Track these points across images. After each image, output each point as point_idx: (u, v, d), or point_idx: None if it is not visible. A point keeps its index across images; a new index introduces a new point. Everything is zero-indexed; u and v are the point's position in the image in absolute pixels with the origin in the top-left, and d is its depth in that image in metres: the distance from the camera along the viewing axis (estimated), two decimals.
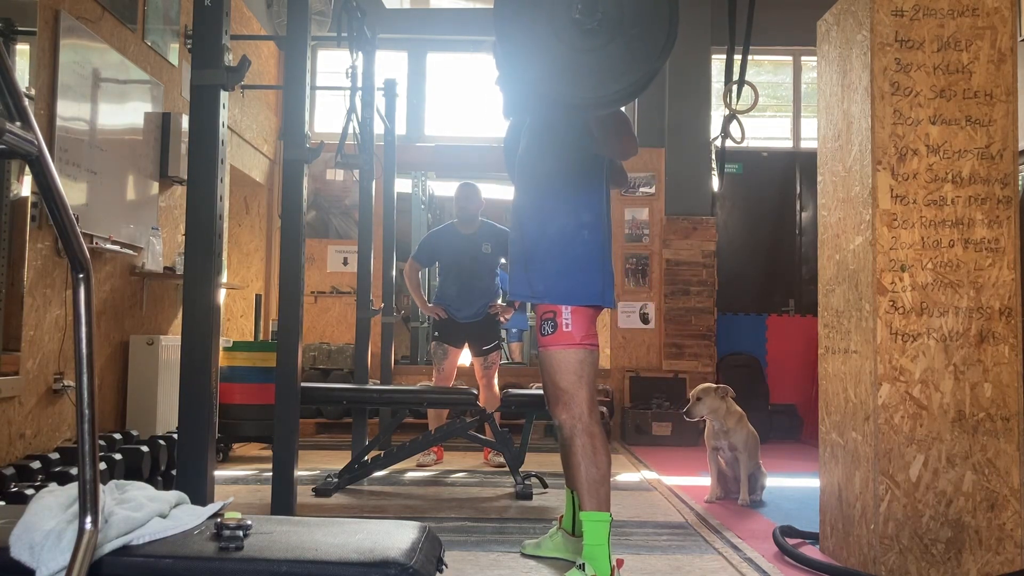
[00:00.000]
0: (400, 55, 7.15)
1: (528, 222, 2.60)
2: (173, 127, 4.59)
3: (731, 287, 6.97)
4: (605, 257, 2.58)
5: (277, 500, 3.00)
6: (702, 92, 6.81)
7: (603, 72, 2.13)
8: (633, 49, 2.12)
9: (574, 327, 2.49)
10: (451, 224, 5.08)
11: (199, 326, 2.29)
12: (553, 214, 2.56)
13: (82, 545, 1.29)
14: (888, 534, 2.58)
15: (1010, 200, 2.67)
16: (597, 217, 2.57)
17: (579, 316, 2.51)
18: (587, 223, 2.55)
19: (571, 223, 2.54)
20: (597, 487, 2.44)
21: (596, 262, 2.54)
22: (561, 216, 2.55)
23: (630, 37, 2.12)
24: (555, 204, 2.56)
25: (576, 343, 2.49)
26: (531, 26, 2.12)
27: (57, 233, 1.82)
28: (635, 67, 2.12)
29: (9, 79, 1.15)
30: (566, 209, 2.55)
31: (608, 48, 2.12)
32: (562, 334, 2.49)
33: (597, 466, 2.44)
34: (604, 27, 2.10)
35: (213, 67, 2.33)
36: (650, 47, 2.12)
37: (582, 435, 2.45)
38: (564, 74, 2.12)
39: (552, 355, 2.51)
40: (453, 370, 5.03)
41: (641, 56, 2.13)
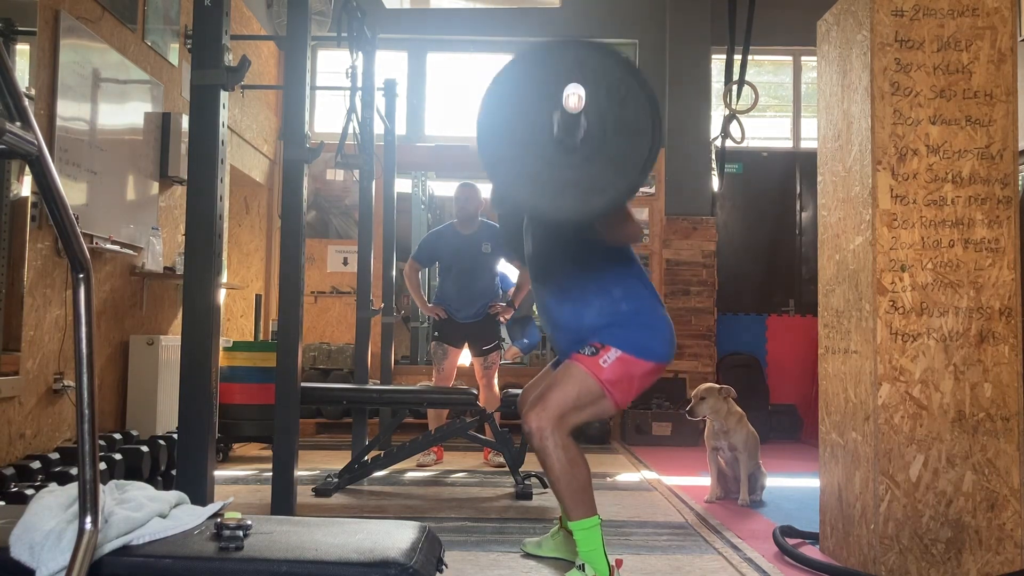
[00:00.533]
0: (400, 55, 7.15)
1: (563, 318, 2.58)
2: (173, 127, 4.59)
3: (731, 287, 6.97)
4: (655, 315, 2.55)
5: (277, 500, 3.00)
6: (702, 92, 6.81)
7: (586, 188, 2.12)
8: (616, 163, 2.12)
9: (610, 367, 2.44)
10: (451, 224, 5.07)
11: (199, 326, 2.29)
12: (584, 306, 2.53)
13: (82, 545, 1.29)
14: (888, 534, 2.58)
15: (1010, 200, 2.67)
16: (627, 286, 2.55)
17: (621, 365, 2.45)
18: (620, 297, 2.53)
19: (606, 306, 2.52)
20: (581, 496, 2.41)
21: (645, 323, 2.52)
22: (593, 305, 2.52)
23: (613, 151, 2.12)
24: (582, 297, 2.54)
25: (600, 379, 2.43)
26: (513, 144, 2.12)
27: (57, 233, 1.82)
28: (619, 181, 2.12)
29: (9, 79, 1.15)
30: (594, 298, 2.53)
31: (591, 163, 2.12)
32: (595, 363, 2.44)
33: (576, 477, 2.41)
34: (586, 143, 2.10)
35: (213, 67, 2.33)
36: (634, 159, 2.12)
37: (555, 449, 2.38)
38: (548, 191, 2.12)
39: (571, 367, 2.47)
40: (453, 370, 5.03)
41: (625, 169, 2.13)
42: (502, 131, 2.12)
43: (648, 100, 2.13)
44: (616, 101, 2.13)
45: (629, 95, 2.14)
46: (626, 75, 2.15)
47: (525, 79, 2.16)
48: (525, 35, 7.04)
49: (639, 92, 2.14)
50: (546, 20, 7.01)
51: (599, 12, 7.01)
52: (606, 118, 2.11)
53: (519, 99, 2.14)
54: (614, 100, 2.13)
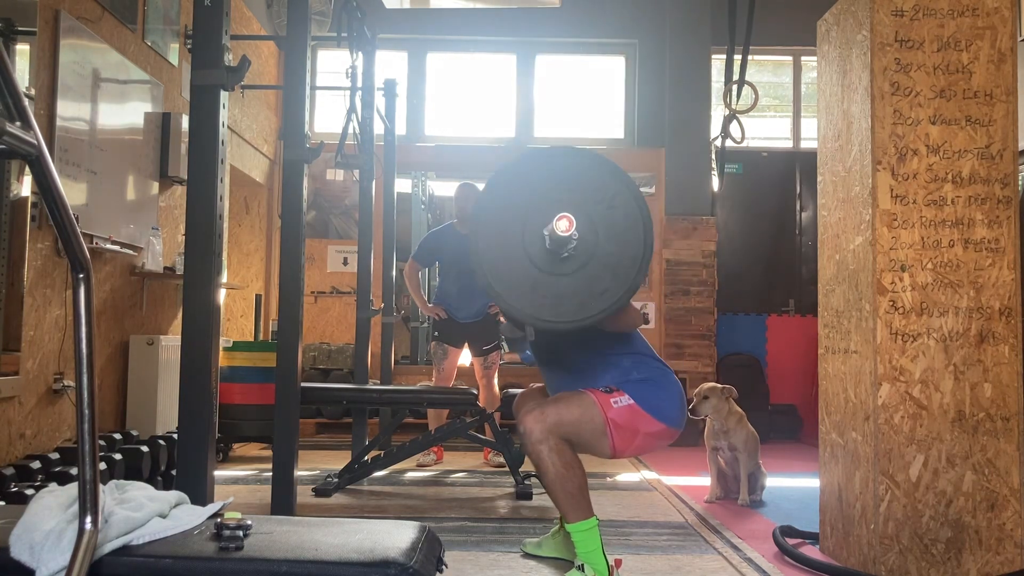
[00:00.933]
0: (400, 55, 7.15)
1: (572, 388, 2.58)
2: (173, 127, 4.59)
3: (731, 287, 6.97)
4: (664, 379, 2.56)
5: (277, 500, 3.00)
6: (702, 92, 6.81)
7: (582, 295, 2.17)
8: (611, 267, 2.16)
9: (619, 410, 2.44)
10: (450, 224, 5.08)
11: (199, 326, 2.29)
12: (596, 379, 2.53)
13: (82, 545, 1.29)
14: (888, 534, 2.58)
15: (1010, 200, 2.67)
16: (635, 358, 2.56)
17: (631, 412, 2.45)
18: (631, 366, 2.54)
19: (618, 374, 2.52)
20: (577, 498, 2.42)
21: (655, 384, 2.52)
22: (605, 377, 2.53)
23: (606, 256, 2.16)
24: (592, 373, 2.55)
25: (606, 416, 2.43)
26: (507, 256, 2.17)
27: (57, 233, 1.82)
28: (614, 286, 2.17)
29: (9, 79, 1.15)
30: (604, 371, 2.54)
31: (585, 270, 2.16)
32: (606, 400, 2.44)
33: (572, 479, 2.41)
34: (579, 252, 2.14)
35: (213, 67, 2.33)
36: (629, 262, 2.16)
37: (550, 453, 2.39)
38: (544, 301, 2.17)
39: (581, 394, 2.47)
40: (453, 370, 5.03)
41: (621, 272, 2.17)
42: (494, 243, 2.17)
43: (637, 203, 2.20)
44: (605, 206, 2.19)
45: (618, 199, 2.20)
46: (614, 180, 2.21)
47: (516, 188, 2.22)
48: (525, 35, 7.04)
49: (627, 194, 2.20)
50: (546, 20, 7.01)
51: (599, 12, 7.01)
52: (597, 225, 2.17)
53: (511, 210, 2.20)
54: (603, 205, 2.19)
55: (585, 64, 7.38)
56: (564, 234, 2.07)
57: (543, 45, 7.16)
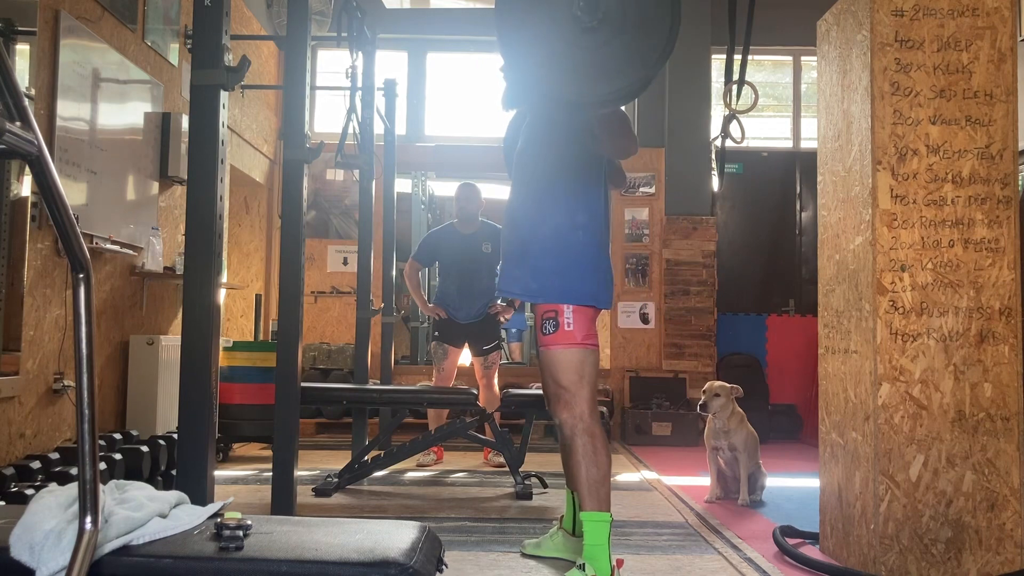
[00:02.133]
0: (400, 55, 7.15)
1: (523, 219, 2.60)
2: (173, 127, 4.59)
3: (731, 287, 6.97)
4: (601, 257, 2.57)
5: (277, 500, 3.00)
6: (702, 92, 6.81)
7: (600, 71, 2.13)
8: (632, 51, 2.12)
9: (575, 326, 2.49)
10: (451, 224, 5.08)
11: (199, 326, 2.29)
12: (548, 213, 2.55)
13: (82, 545, 1.29)
14: (888, 534, 2.58)
15: (1010, 200, 2.67)
16: (593, 218, 2.56)
17: (580, 315, 2.50)
18: (582, 223, 2.54)
19: (566, 223, 2.53)
20: (598, 487, 2.44)
21: (591, 262, 2.53)
22: (557, 215, 2.54)
23: (630, 38, 2.12)
24: (551, 203, 2.56)
25: (578, 342, 2.49)
26: (531, 21, 2.12)
27: (57, 233, 1.82)
28: (632, 69, 2.13)
29: (9, 79, 1.15)
30: (562, 209, 2.55)
31: (607, 48, 2.12)
32: (564, 333, 2.49)
33: (598, 466, 2.44)
34: (604, 26, 2.10)
35: (213, 67, 2.33)
36: (648, 50, 2.13)
37: (583, 435, 2.46)
38: (562, 70, 2.13)
39: (553, 354, 2.51)
40: (453, 370, 5.03)
41: (639, 58, 2.13)
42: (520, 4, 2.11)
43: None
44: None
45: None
46: None
47: None
48: None
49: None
50: None
51: None
52: (626, 4, 2.11)
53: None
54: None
55: None
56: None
57: None
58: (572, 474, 2.53)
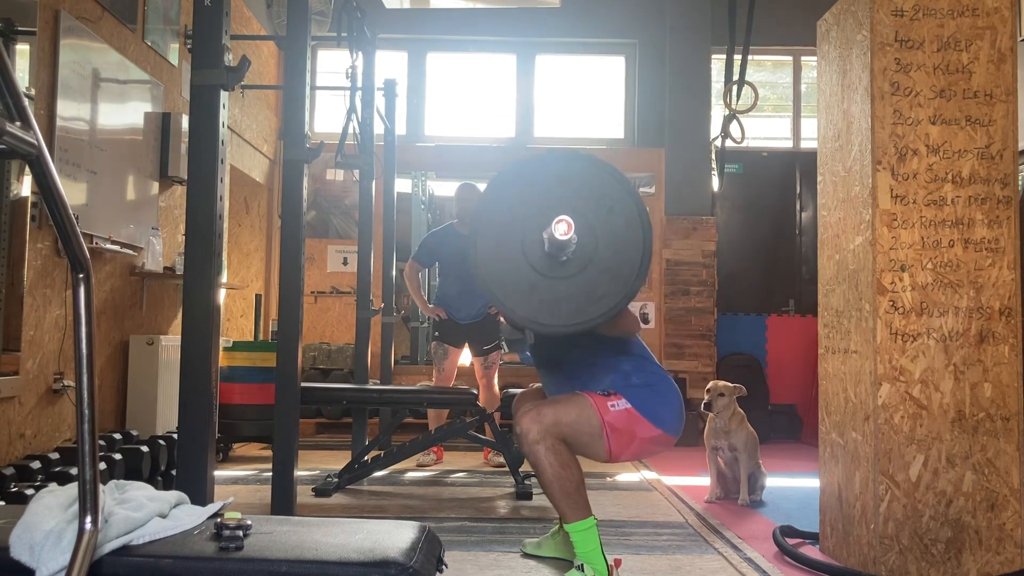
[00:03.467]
0: (400, 55, 7.15)
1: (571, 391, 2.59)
2: (173, 127, 4.59)
3: (731, 287, 6.97)
4: (663, 384, 2.56)
5: (277, 500, 3.00)
6: (702, 92, 6.81)
7: (580, 299, 2.17)
8: (610, 272, 2.16)
9: (616, 413, 2.44)
10: (451, 224, 5.08)
11: (199, 326, 2.29)
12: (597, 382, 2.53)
13: (82, 545, 1.29)
14: (888, 534, 2.58)
15: (1010, 200, 2.67)
16: (636, 363, 2.57)
17: (628, 416, 2.45)
18: (631, 370, 2.55)
19: (619, 378, 2.53)
20: (574, 498, 2.42)
21: (654, 390, 2.52)
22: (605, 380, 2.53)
23: (606, 261, 2.16)
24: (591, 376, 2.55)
25: (603, 419, 2.43)
26: (506, 259, 2.17)
27: (57, 233, 1.82)
28: (613, 291, 2.16)
29: (9, 79, 1.15)
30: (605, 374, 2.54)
31: (584, 275, 2.16)
32: (603, 403, 2.45)
33: (570, 478, 2.41)
34: (577, 256, 2.14)
35: (213, 67, 2.33)
36: (628, 268, 2.16)
37: (547, 453, 2.39)
38: (542, 305, 2.17)
39: (578, 396, 2.47)
40: (453, 370, 5.03)
41: (620, 278, 2.17)
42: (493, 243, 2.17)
43: (637, 208, 2.20)
44: (605, 210, 2.19)
45: (618, 204, 2.20)
46: (614, 185, 2.21)
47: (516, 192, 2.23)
48: (525, 35, 7.04)
49: (628, 200, 2.20)
50: (546, 20, 7.01)
51: (599, 12, 7.01)
52: (597, 230, 2.16)
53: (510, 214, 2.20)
54: (603, 210, 2.19)
55: (585, 64, 7.38)
56: (563, 238, 2.08)
57: (543, 45, 7.16)
58: (547, 491, 2.46)
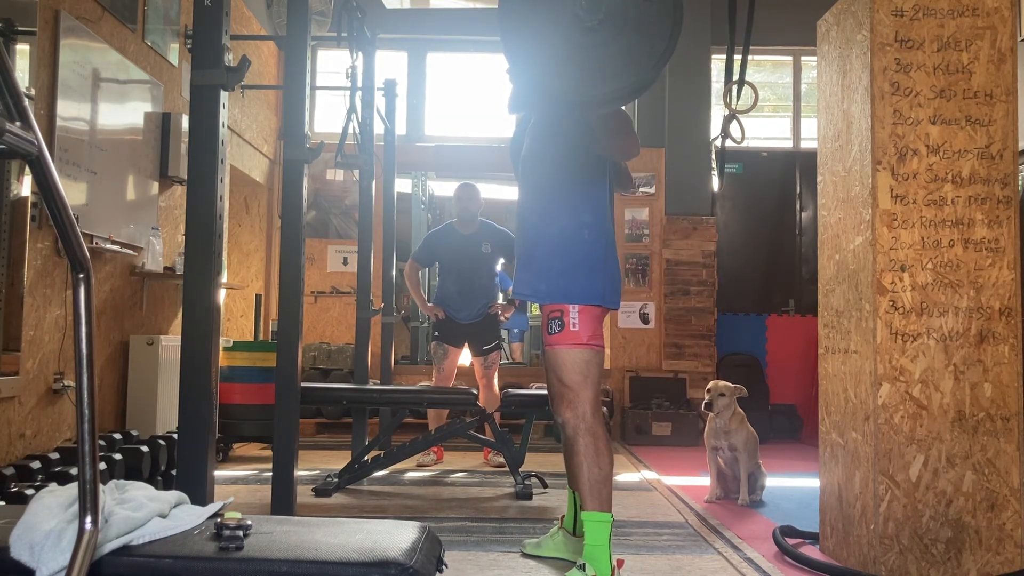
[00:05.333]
0: (400, 55, 7.15)
1: (530, 222, 2.61)
2: (173, 127, 4.59)
3: (731, 287, 6.97)
4: (608, 257, 2.57)
5: (277, 500, 3.00)
6: (702, 92, 6.81)
7: (600, 70, 2.14)
8: (632, 51, 2.13)
9: (581, 326, 2.49)
10: (450, 224, 5.08)
11: (199, 326, 2.29)
12: (555, 214, 2.56)
13: (82, 545, 1.29)
14: (888, 534, 2.58)
15: (1010, 200, 2.67)
16: (599, 218, 2.57)
17: (586, 316, 2.50)
18: (588, 223, 2.55)
19: (572, 223, 2.54)
20: (599, 487, 2.44)
21: (599, 262, 2.54)
22: (563, 216, 2.55)
23: (631, 39, 2.13)
24: (557, 204, 2.56)
25: (583, 343, 2.49)
26: (533, 20, 2.14)
27: (57, 233, 1.82)
28: (632, 69, 2.13)
29: (9, 79, 1.15)
30: (568, 209, 2.55)
31: (608, 47, 2.13)
32: (569, 333, 2.49)
33: (600, 466, 2.44)
34: (606, 26, 2.11)
35: (213, 67, 2.33)
36: (649, 52, 2.13)
37: (585, 435, 2.45)
38: (562, 69, 2.14)
39: (558, 354, 2.51)
40: (453, 370, 5.03)
41: (640, 59, 2.14)
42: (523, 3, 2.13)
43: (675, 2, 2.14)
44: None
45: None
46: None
47: None
48: None
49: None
50: None
51: None
52: (629, 9, 2.12)
53: None
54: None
55: None
56: None
57: None
58: (574, 474, 2.52)
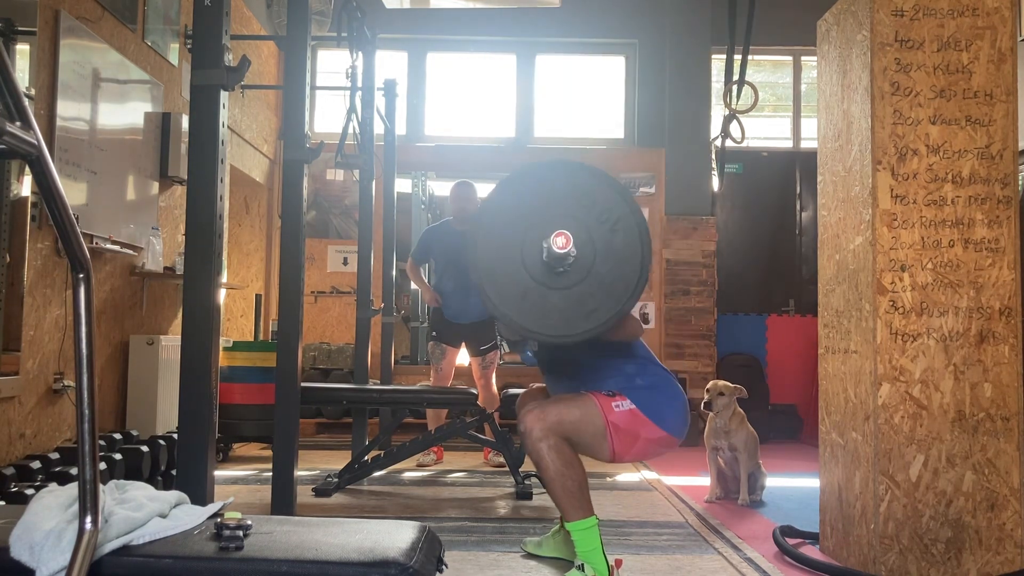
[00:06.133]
0: (400, 55, 7.15)
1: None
2: (173, 127, 4.59)
3: (731, 287, 6.97)
4: (669, 386, 2.56)
5: (277, 500, 3.00)
6: (702, 92, 6.81)
7: (571, 311, 2.18)
8: (605, 288, 2.17)
9: (621, 414, 2.44)
10: (447, 222, 5.08)
11: (199, 326, 2.29)
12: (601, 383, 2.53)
13: (82, 545, 1.29)
14: (888, 534, 2.58)
15: (1010, 200, 2.67)
16: (639, 364, 2.57)
17: (632, 417, 2.45)
18: (635, 372, 2.55)
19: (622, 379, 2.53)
20: (576, 497, 2.41)
21: (659, 391, 2.53)
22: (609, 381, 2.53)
23: (602, 276, 2.17)
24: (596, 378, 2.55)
25: (607, 419, 2.43)
26: (503, 260, 2.18)
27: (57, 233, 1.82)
28: (605, 306, 2.17)
29: (9, 79, 1.15)
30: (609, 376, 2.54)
31: (578, 288, 2.17)
32: (608, 403, 2.45)
33: (571, 477, 2.41)
34: (575, 269, 2.16)
35: (213, 67, 2.33)
36: (623, 285, 2.17)
37: (551, 451, 2.39)
38: (533, 312, 2.18)
39: (583, 396, 2.47)
40: (451, 370, 5.03)
41: (614, 294, 2.17)
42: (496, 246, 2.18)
43: (638, 228, 2.20)
44: (608, 227, 2.19)
45: (621, 222, 2.20)
46: (620, 203, 2.21)
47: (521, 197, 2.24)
48: (525, 35, 7.04)
49: (631, 219, 2.21)
50: (546, 20, 7.01)
51: (599, 12, 7.01)
52: (596, 244, 2.17)
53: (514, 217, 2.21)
54: (606, 225, 2.19)
55: (585, 64, 7.38)
56: (561, 251, 2.10)
57: (543, 45, 7.16)
58: (548, 490, 2.47)
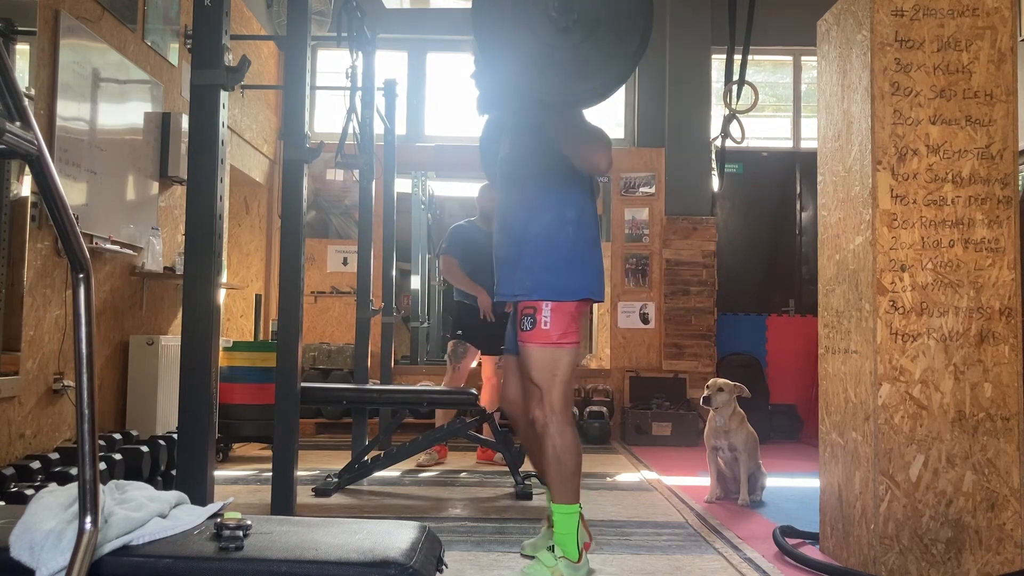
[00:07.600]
0: (400, 55, 7.15)
1: (514, 222, 2.61)
2: (173, 127, 4.59)
3: (731, 287, 6.97)
4: (591, 252, 2.58)
5: (277, 500, 3.00)
6: (702, 92, 6.81)
7: (573, 70, 2.17)
8: (605, 50, 2.17)
9: (552, 324, 2.50)
10: (472, 221, 5.06)
11: (199, 326, 2.29)
12: (538, 212, 2.56)
13: (82, 545, 1.29)
14: (888, 534, 2.58)
15: (1010, 200, 2.67)
16: (581, 213, 2.58)
17: (558, 314, 2.51)
18: (571, 219, 2.56)
19: (555, 220, 2.55)
20: (569, 482, 2.49)
21: (579, 257, 2.55)
22: (546, 214, 2.56)
23: (603, 38, 2.16)
24: (540, 203, 2.57)
25: (552, 341, 2.50)
26: (507, 20, 2.17)
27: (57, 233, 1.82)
28: (605, 68, 2.17)
29: (9, 79, 1.15)
30: (550, 207, 2.56)
31: (581, 47, 2.16)
32: (539, 331, 2.50)
33: (568, 463, 2.48)
34: (578, 26, 2.15)
35: (213, 67, 2.33)
36: (622, 50, 2.17)
37: (554, 435, 2.48)
38: (535, 69, 2.17)
39: (529, 351, 2.53)
40: (467, 370, 5.00)
41: (612, 58, 2.17)
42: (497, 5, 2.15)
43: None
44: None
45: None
46: None
47: None
48: None
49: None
50: None
51: None
52: (601, 6, 2.15)
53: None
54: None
55: None
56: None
57: None
58: (543, 469, 2.56)
